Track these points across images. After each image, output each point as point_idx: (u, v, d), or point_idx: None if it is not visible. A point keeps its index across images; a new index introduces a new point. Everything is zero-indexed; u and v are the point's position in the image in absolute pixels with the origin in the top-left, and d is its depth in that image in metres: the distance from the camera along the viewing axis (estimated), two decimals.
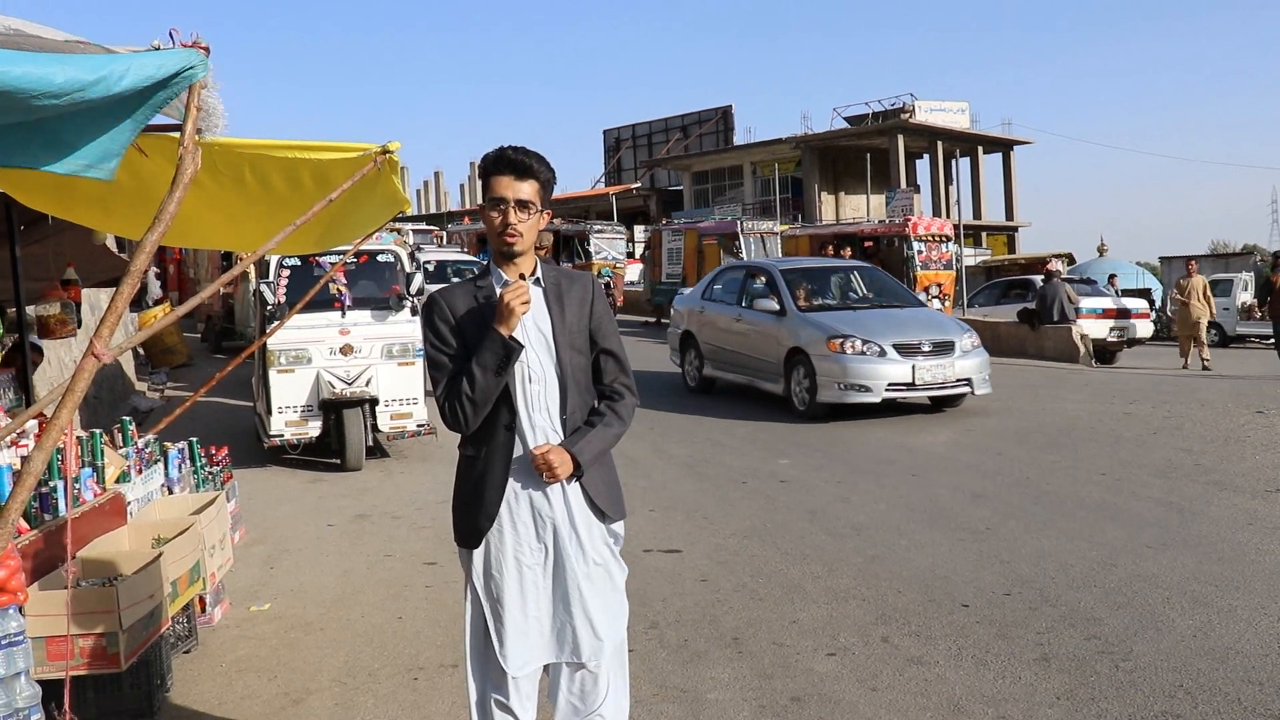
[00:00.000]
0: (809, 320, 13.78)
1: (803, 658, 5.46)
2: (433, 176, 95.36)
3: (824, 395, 13.05)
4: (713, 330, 15.56)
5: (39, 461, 2.82)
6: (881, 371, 12.86)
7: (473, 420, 3.35)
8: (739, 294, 15.36)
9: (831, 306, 14.59)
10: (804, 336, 13.49)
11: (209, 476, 6.73)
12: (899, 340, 13.14)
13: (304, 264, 10.98)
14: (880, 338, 13.09)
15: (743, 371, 14.86)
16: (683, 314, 16.59)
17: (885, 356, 12.95)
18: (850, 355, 12.90)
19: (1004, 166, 54.26)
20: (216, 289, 4.17)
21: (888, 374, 12.85)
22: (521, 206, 3.35)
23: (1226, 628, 5.66)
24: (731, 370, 15.17)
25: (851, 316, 13.91)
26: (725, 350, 15.25)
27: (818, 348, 13.17)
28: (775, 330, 14.09)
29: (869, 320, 13.75)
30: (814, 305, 14.41)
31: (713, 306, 15.81)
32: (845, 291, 15.49)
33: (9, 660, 3.48)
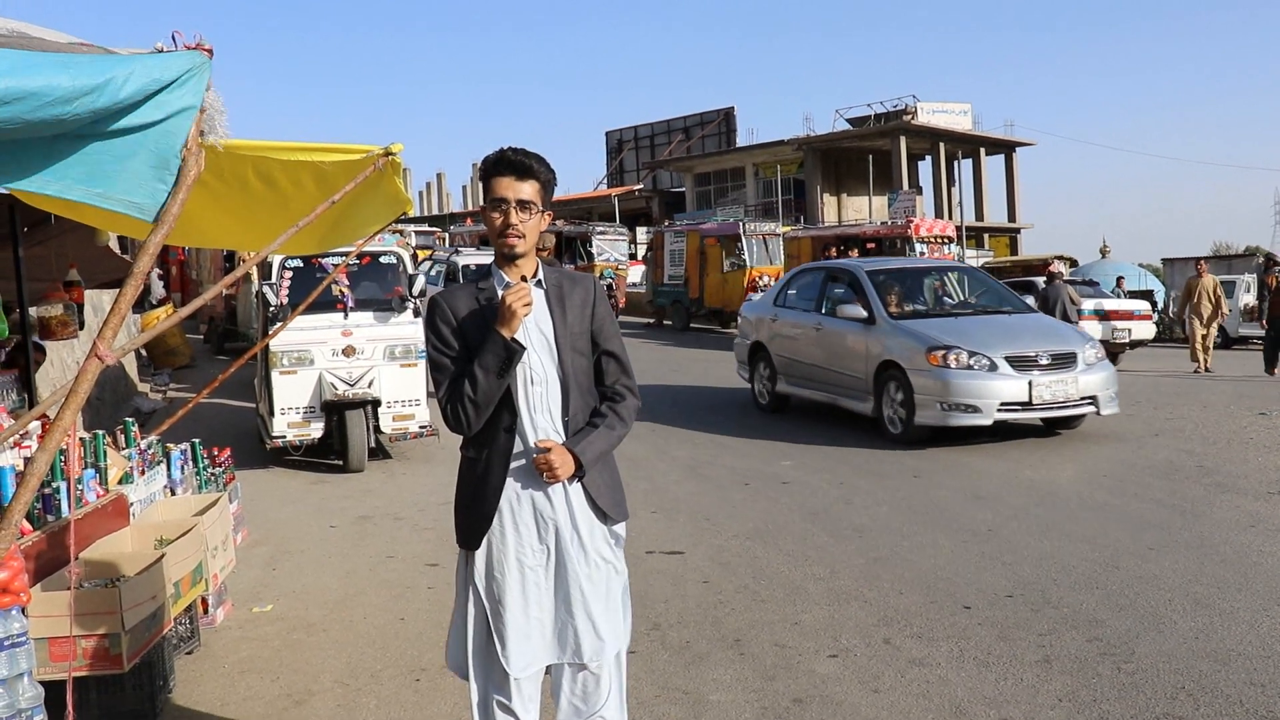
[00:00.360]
0: (903, 329, 12.02)
1: (805, 659, 5.46)
2: (435, 178, 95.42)
3: (923, 416, 11.30)
4: (787, 341, 13.85)
5: (42, 463, 2.83)
6: (993, 388, 11.05)
7: (475, 422, 3.35)
8: (818, 299, 13.64)
9: (927, 313, 12.90)
10: (898, 348, 11.79)
11: (211, 478, 6.74)
12: (1012, 351, 11.36)
13: (306, 265, 10.99)
14: (990, 349, 11.33)
15: (823, 388, 13.16)
16: (751, 323, 14.88)
17: (997, 371, 11.17)
18: (955, 369, 11.14)
19: (1006, 168, 54.24)
20: (219, 291, 4.17)
21: (1000, 391, 11.04)
22: (523, 207, 3.35)
23: (1229, 630, 5.66)
24: (810, 386, 13.44)
25: (953, 324, 12.13)
26: (802, 364, 13.52)
27: (915, 361, 11.44)
28: (863, 341, 12.37)
29: (974, 328, 12.00)
30: (907, 311, 12.64)
31: (787, 314, 14.09)
32: (940, 296, 13.89)
33: (12, 661, 3.49)
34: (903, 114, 49.44)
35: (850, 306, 12.61)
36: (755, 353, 14.51)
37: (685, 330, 28.35)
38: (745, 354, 14.75)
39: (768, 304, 14.72)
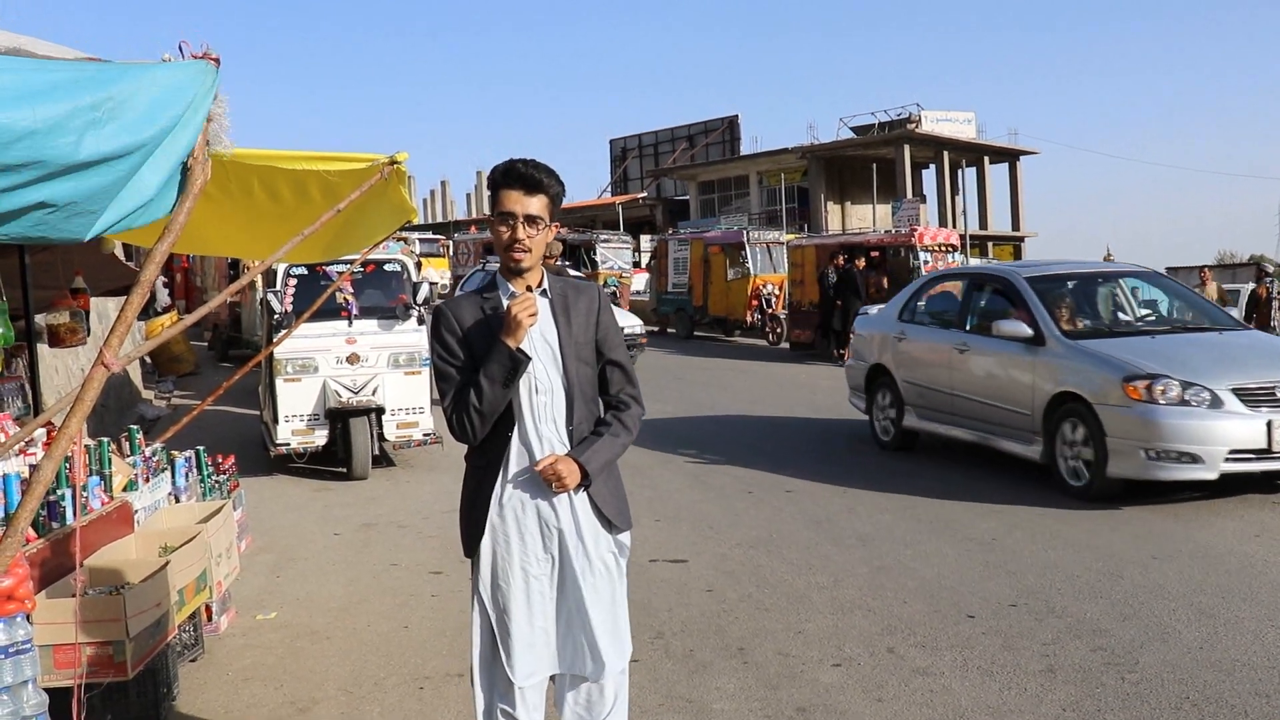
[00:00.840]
0: (1085, 351, 9.40)
1: (808, 668, 5.46)
2: (439, 186, 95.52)
3: (1119, 467, 8.73)
4: (919, 365, 11.24)
5: (48, 470, 2.84)
6: (1219, 431, 8.47)
7: (480, 431, 3.36)
8: (962, 313, 10.95)
9: (1111, 330, 10.31)
10: (1080, 376, 9.23)
11: (216, 485, 6.74)
12: (1239, 382, 8.71)
13: (311, 273, 11.02)
14: (1209, 378, 8.72)
15: (970, 424, 10.51)
16: (870, 341, 12.29)
17: (1222, 407, 8.56)
18: (1164, 405, 8.57)
19: (1010, 176, 54.20)
20: (224, 298, 4.19)
21: (1228, 434, 8.47)
22: (530, 222, 3.35)
23: (1233, 640, 5.65)
24: (950, 421, 10.75)
25: (1149, 345, 9.49)
26: (938, 393, 10.86)
27: (1106, 393, 8.90)
28: (1028, 366, 9.78)
29: (1180, 350, 9.33)
30: (1084, 329, 10.02)
31: (918, 331, 11.50)
32: (1117, 309, 11.17)
33: (17, 668, 3.49)
34: (907, 122, 49.43)
35: (1009, 323, 10.04)
36: (874, 378, 12.04)
37: (689, 338, 28.36)
38: (861, 379, 12.28)
39: (890, 319, 12.05)
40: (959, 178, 51.33)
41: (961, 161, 51.60)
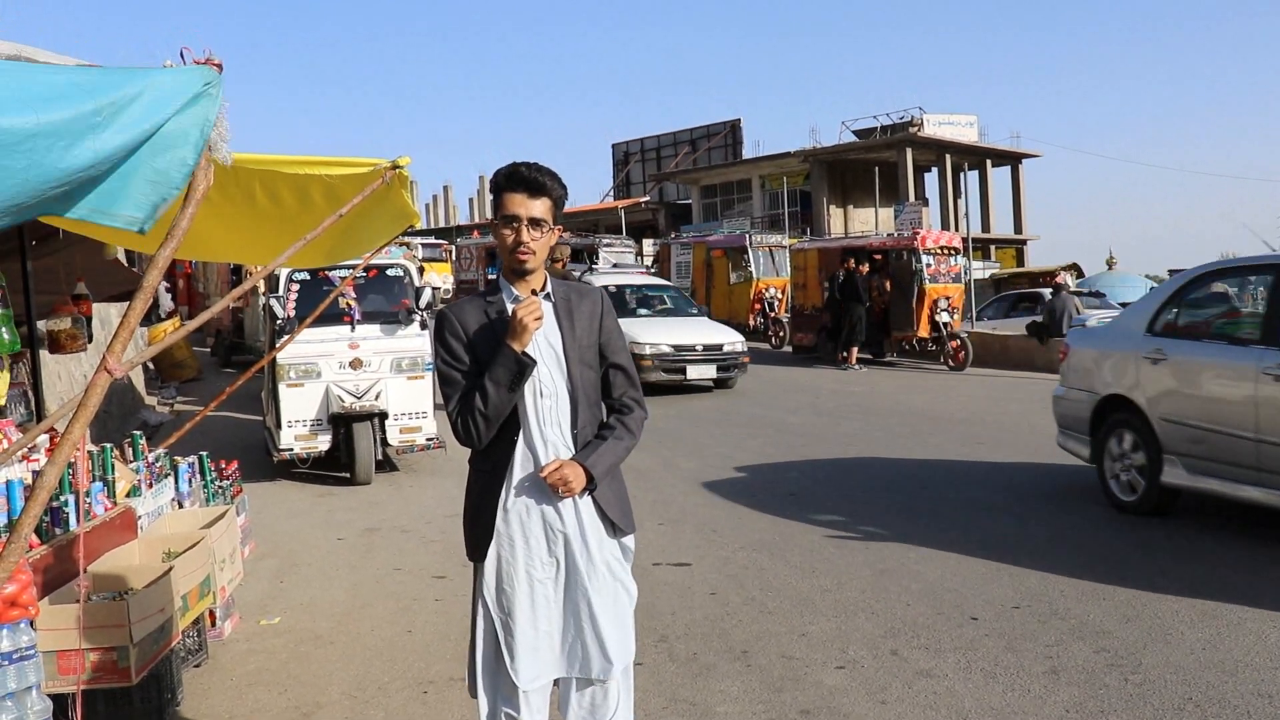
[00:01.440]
0: None
1: (812, 671, 5.46)
2: (441, 191, 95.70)
3: None
4: (1189, 397, 8.00)
5: (51, 476, 2.84)
6: None
7: (485, 435, 3.36)
8: (1266, 325, 7.66)
9: None
10: None
11: (219, 490, 6.74)
12: None
13: (313, 278, 11.02)
14: None
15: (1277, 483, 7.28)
16: (1098, 363, 9.09)
17: None
18: None
19: (1013, 179, 54.22)
20: (227, 304, 4.19)
21: None
22: (534, 225, 3.35)
23: (1236, 640, 5.64)
24: (1241, 477, 7.52)
25: None
26: (1222, 435, 7.64)
27: None
28: None
29: None
30: None
31: (1187, 349, 8.19)
32: None
33: (20, 674, 3.50)
34: (909, 125, 49.48)
35: None
36: (1106, 413, 8.90)
37: None
38: (1086, 414, 9.09)
39: (1134, 331, 8.75)
40: (961, 181, 51.33)
41: (964, 164, 51.61)
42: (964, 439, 12.57)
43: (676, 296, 20.29)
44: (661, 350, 16.94)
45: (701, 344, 17.36)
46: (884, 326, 22.00)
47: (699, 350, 17.25)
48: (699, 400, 16.47)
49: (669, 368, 16.89)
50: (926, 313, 21.06)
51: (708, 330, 18.16)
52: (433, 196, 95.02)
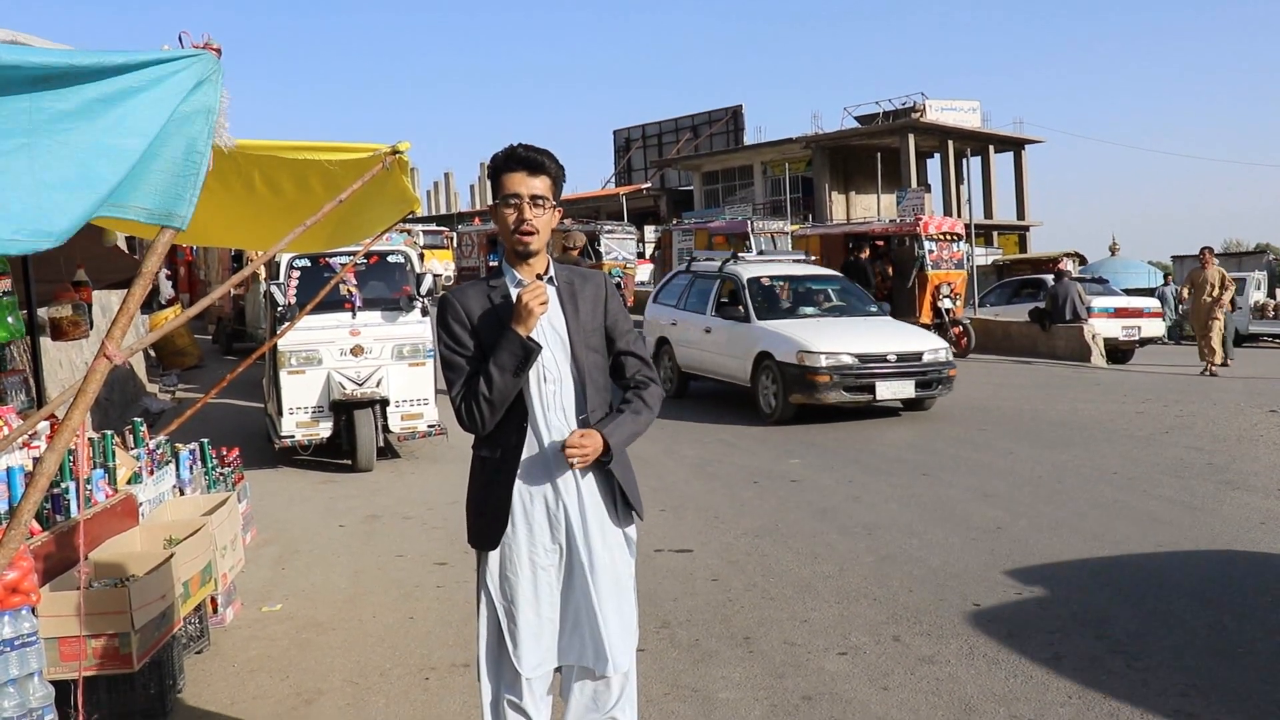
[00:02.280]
0: None
1: (814, 657, 5.46)
2: (443, 178, 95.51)
3: None
4: None
5: (51, 463, 2.83)
6: None
7: (489, 421, 3.33)
8: None
9: None
10: None
11: (220, 478, 6.74)
12: None
13: (314, 265, 11.01)
14: None
15: None
16: None
17: None
18: None
19: (1015, 165, 54.14)
20: (227, 290, 4.18)
21: None
22: (535, 202, 3.33)
23: (1239, 627, 5.64)
24: None
25: None
26: None
27: None
28: None
29: None
30: None
31: None
32: None
33: (22, 661, 3.49)
34: (911, 111, 49.38)
35: None
36: None
37: None
38: None
39: None
40: (964, 167, 51.19)
41: (966, 150, 51.49)
42: (965, 424, 12.56)
43: (848, 289, 15.79)
44: (842, 362, 12.72)
45: (894, 352, 13.14)
46: None
47: (892, 360, 13.03)
48: (703, 387, 16.39)
49: (852, 384, 12.68)
50: (929, 299, 21.04)
51: (899, 334, 13.96)
52: (434, 183, 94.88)
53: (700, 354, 14.93)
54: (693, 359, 15.15)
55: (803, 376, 12.62)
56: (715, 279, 15.24)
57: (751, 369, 13.52)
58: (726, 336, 14.24)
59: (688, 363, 15.30)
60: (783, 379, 12.88)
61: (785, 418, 12.93)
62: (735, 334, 14.06)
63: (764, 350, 13.26)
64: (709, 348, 14.67)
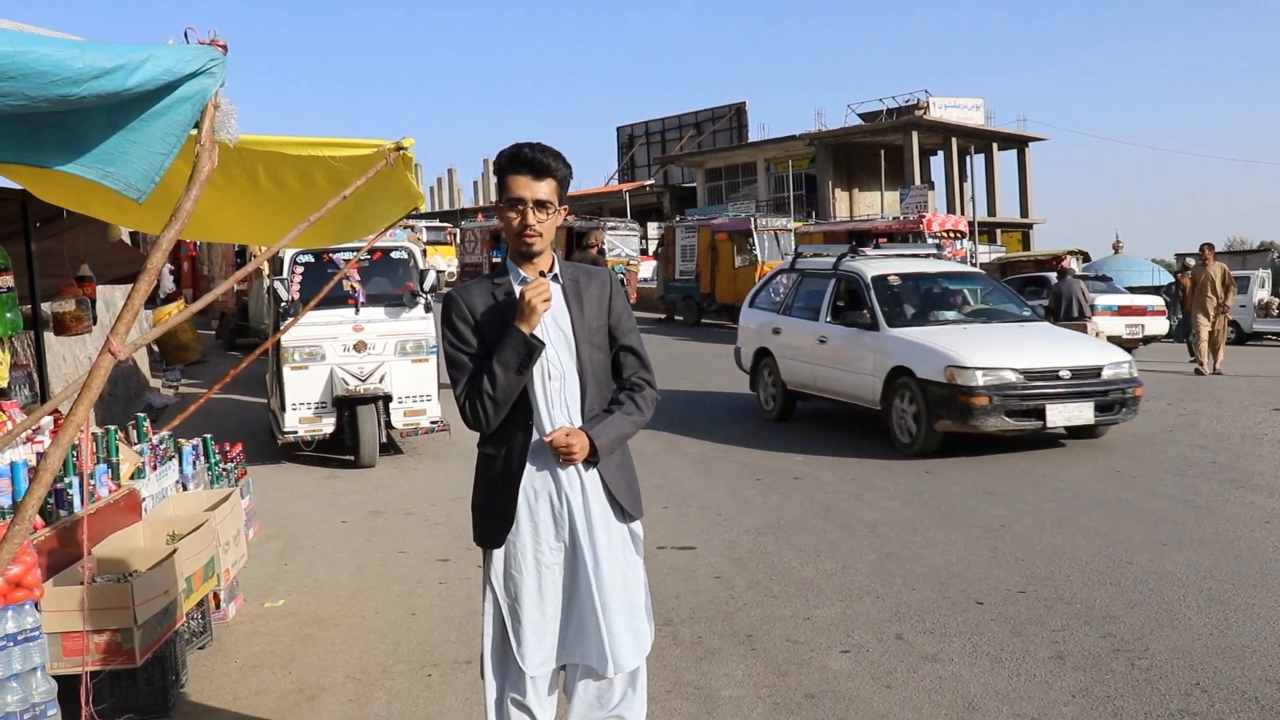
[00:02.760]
0: None
1: (817, 655, 5.45)
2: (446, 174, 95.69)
3: None
4: None
5: (55, 458, 2.83)
6: None
7: (494, 419, 3.32)
8: None
9: None
10: None
11: (223, 473, 6.74)
12: None
13: (318, 261, 11.02)
14: None
15: None
16: None
17: None
18: None
19: (1019, 163, 54.13)
20: (230, 286, 4.17)
21: None
22: (540, 206, 3.31)
23: (1244, 626, 5.63)
24: None
25: None
26: None
27: None
28: None
29: None
30: None
31: None
32: None
33: (26, 655, 3.50)
34: (915, 109, 49.36)
35: None
36: None
37: (696, 325, 28.34)
38: None
39: None
40: (967, 164, 51.10)
41: (970, 148, 51.37)
42: None
43: (993, 289, 13.54)
44: (1004, 379, 10.26)
45: (1067, 366, 10.59)
46: None
47: (1065, 378, 10.50)
48: (706, 385, 16.38)
49: (1016, 408, 10.22)
50: None
51: (1069, 344, 11.47)
52: (437, 180, 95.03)
53: (812, 368, 12.48)
54: (801, 374, 12.70)
55: (953, 398, 10.23)
56: (829, 278, 12.77)
57: (883, 388, 11.13)
58: (847, 348, 11.86)
59: (795, 379, 12.81)
60: (925, 401, 10.48)
61: (928, 449, 10.58)
62: (859, 345, 11.65)
63: (900, 365, 10.90)
64: (823, 361, 12.24)
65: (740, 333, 14.31)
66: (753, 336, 13.83)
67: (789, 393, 12.95)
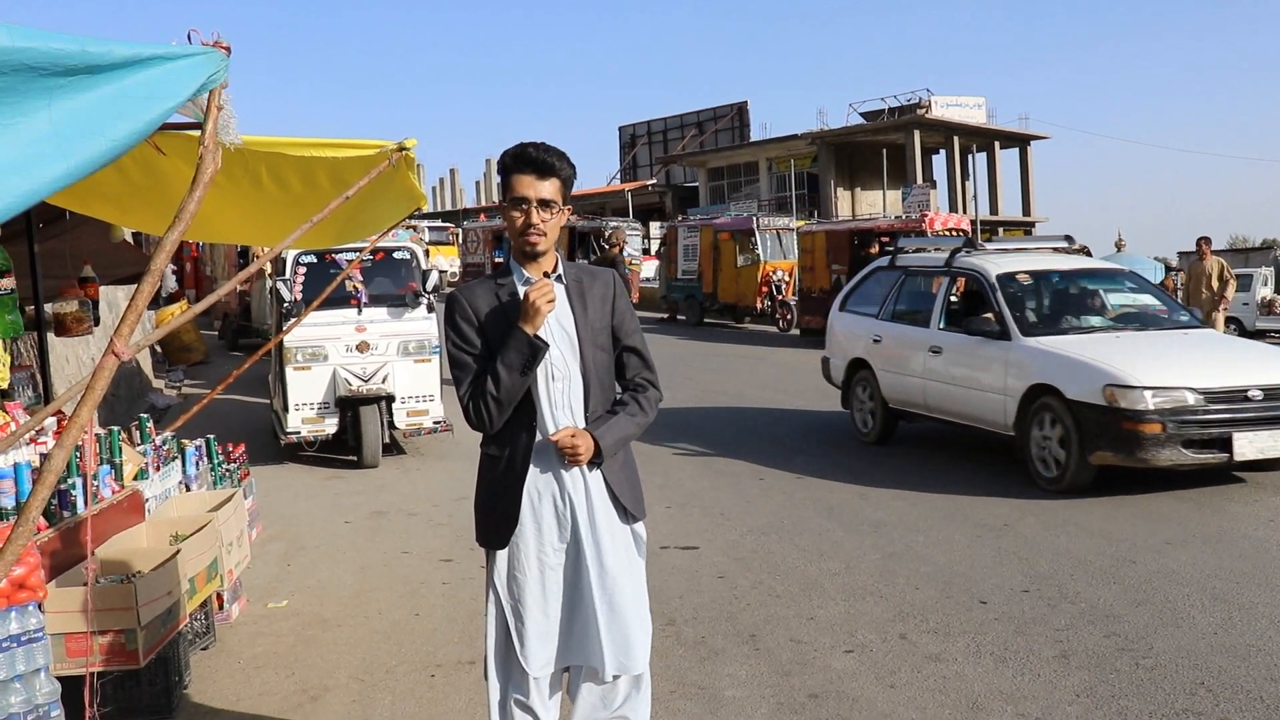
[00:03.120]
0: None
1: (820, 655, 5.45)
2: (448, 174, 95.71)
3: None
4: None
5: (59, 459, 2.82)
6: None
7: (497, 420, 3.32)
8: None
9: None
10: None
11: (226, 473, 6.74)
12: None
13: (320, 261, 11.02)
14: None
15: None
16: None
17: None
18: None
19: (1021, 161, 54.08)
20: (233, 286, 4.18)
21: None
22: (544, 206, 3.30)
23: (1248, 625, 5.62)
24: None
25: None
26: None
27: None
28: None
29: None
30: None
31: None
32: None
33: (29, 656, 3.50)
34: (916, 108, 49.31)
35: None
36: None
37: (699, 325, 28.33)
38: None
39: None
40: (969, 163, 51.07)
41: (972, 147, 51.40)
42: None
43: (1143, 287, 11.06)
44: (1181, 401, 8.36)
45: (1259, 385, 8.53)
46: None
47: (1256, 399, 8.45)
48: (709, 384, 16.35)
49: (1195, 437, 8.29)
50: None
51: (1252, 356, 9.35)
52: (439, 180, 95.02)
53: (923, 384, 10.46)
54: (909, 391, 10.69)
55: (1115, 425, 8.36)
56: (943, 276, 10.88)
57: (1017, 410, 9.22)
58: (968, 360, 9.91)
59: (901, 396, 10.85)
60: (1078, 427, 8.58)
61: (1079, 484, 8.65)
62: (984, 357, 9.69)
63: (1041, 383, 9.00)
64: (938, 375, 10.27)
65: (830, 341, 12.48)
66: (846, 346, 11.94)
67: (890, 411, 11.08)
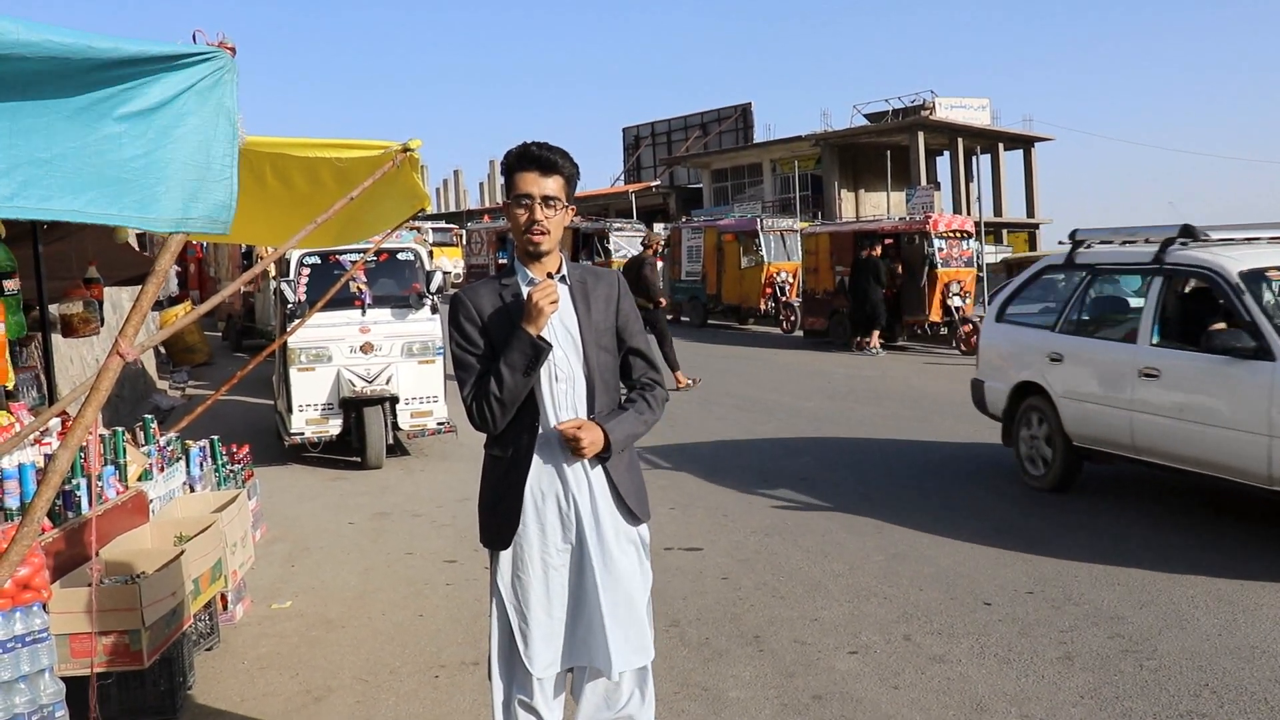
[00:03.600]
0: None
1: (824, 656, 5.45)
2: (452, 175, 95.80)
3: None
4: None
5: (64, 460, 2.83)
6: None
7: (501, 421, 3.32)
8: None
9: None
10: None
11: (230, 474, 6.75)
12: None
13: (324, 262, 11.02)
14: None
15: None
16: None
17: None
18: None
19: (1025, 163, 54.00)
20: (237, 288, 4.18)
21: None
22: (547, 203, 3.31)
23: (1252, 626, 5.62)
24: None
25: None
26: None
27: None
28: None
29: None
30: None
31: None
32: None
33: (34, 657, 3.50)
34: (920, 109, 49.25)
35: None
36: None
37: (703, 326, 28.31)
38: None
39: None
40: (973, 164, 50.97)
41: (976, 148, 51.10)
42: (976, 424, 12.51)
43: None
44: None
45: None
46: (896, 311, 21.89)
47: None
48: (712, 385, 16.35)
49: None
50: (938, 297, 20.96)
51: None
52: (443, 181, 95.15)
53: (1129, 416, 7.95)
54: (1106, 425, 8.21)
55: None
56: (1151, 276, 8.19)
57: None
58: (1207, 386, 7.38)
59: (1094, 432, 8.37)
60: None
61: None
62: (1231, 383, 7.15)
63: None
64: (1153, 407, 7.75)
65: (983, 360, 9.91)
66: (1008, 366, 9.38)
67: (1075, 450, 8.61)
